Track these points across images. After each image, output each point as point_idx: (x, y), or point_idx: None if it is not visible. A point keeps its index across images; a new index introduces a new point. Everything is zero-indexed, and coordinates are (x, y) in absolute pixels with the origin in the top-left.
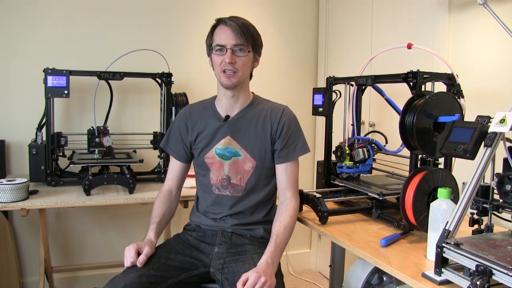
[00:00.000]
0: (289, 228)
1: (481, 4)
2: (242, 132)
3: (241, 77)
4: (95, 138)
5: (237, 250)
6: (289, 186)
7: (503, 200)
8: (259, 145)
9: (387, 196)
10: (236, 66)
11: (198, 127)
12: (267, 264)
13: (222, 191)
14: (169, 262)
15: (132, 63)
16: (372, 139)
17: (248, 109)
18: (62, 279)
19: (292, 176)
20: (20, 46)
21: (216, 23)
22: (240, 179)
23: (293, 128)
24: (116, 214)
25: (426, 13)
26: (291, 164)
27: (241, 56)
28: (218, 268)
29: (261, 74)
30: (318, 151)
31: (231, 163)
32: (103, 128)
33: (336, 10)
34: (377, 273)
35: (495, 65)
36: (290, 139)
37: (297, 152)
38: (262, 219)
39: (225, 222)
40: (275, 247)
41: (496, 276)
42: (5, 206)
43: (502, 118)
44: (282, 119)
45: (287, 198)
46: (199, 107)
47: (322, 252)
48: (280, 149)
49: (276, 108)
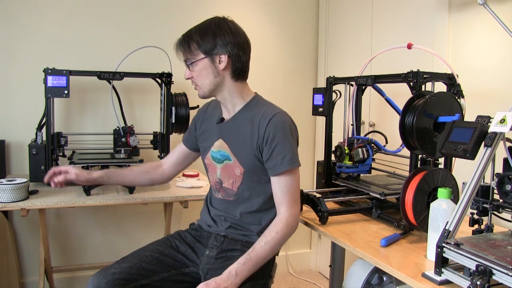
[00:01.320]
0: (272, 243)
1: (481, 4)
2: (232, 136)
3: (202, 86)
4: (121, 138)
5: (226, 255)
6: (283, 200)
7: (503, 200)
8: (246, 152)
9: (388, 196)
10: (194, 80)
11: (206, 125)
12: (228, 275)
13: (216, 194)
14: (162, 257)
15: (132, 63)
16: (372, 139)
17: (241, 113)
18: (62, 279)
19: (287, 190)
20: (20, 46)
21: None
22: (232, 183)
23: (279, 138)
24: (116, 214)
25: (426, 13)
26: (285, 177)
27: (193, 69)
28: (204, 272)
29: (261, 74)
30: (318, 151)
31: (223, 166)
32: (129, 128)
33: (336, 10)
34: (377, 273)
35: (495, 65)
36: (276, 150)
37: (285, 165)
38: (261, 230)
39: (221, 224)
40: (245, 259)
41: (496, 276)
42: (5, 206)
43: (502, 118)
44: (269, 128)
45: (280, 213)
46: (215, 104)
47: (322, 252)
48: (266, 159)
49: (266, 114)
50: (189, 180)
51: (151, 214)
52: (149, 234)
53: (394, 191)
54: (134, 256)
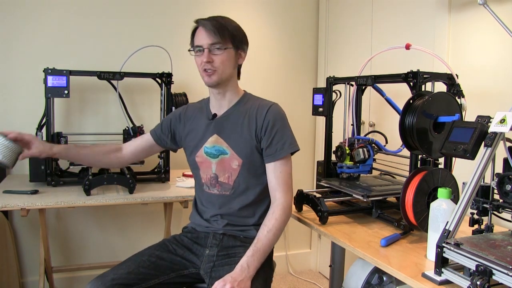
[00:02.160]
0: (274, 230)
1: (481, 4)
2: (228, 130)
3: (222, 74)
4: (131, 138)
5: (227, 252)
6: (278, 186)
7: (503, 200)
8: (245, 143)
9: (371, 198)
10: (214, 64)
11: (190, 125)
12: (241, 269)
13: (211, 190)
14: (160, 261)
15: (132, 63)
16: (372, 139)
17: (236, 107)
18: (62, 279)
19: (282, 176)
20: (20, 46)
21: (195, 25)
22: (228, 177)
23: (279, 125)
24: (116, 214)
25: (426, 13)
26: (281, 163)
27: (219, 54)
28: (207, 271)
29: (261, 74)
30: (318, 151)
31: (218, 161)
32: (139, 128)
33: (336, 10)
34: (377, 273)
35: (495, 65)
36: (276, 137)
37: (285, 150)
38: (257, 221)
39: (217, 223)
40: (253, 251)
41: (496, 276)
42: (5, 206)
43: (502, 118)
44: (268, 117)
45: (276, 200)
46: (196, 106)
47: (322, 252)
48: (266, 147)
49: (263, 105)
50: (189, 180)
51: (151, 214)
52: (149, 234)
53: (378, 193)
54: (132, 262)
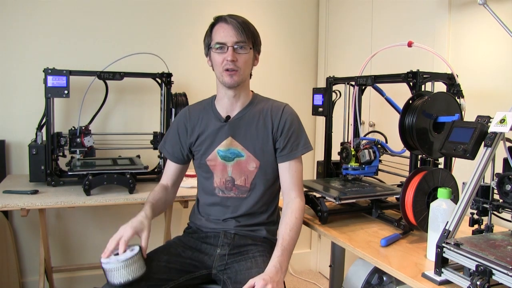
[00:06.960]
0: (296, 229)
1: (481, 4)
2: (243, 132)
3: (243, 75)
4: (76, 139)
5: (239, 250)
6: (293, 185)
7: (503, 200)
8: (261, 145)
9: (344, 201)
10: (237, 64)
11: (198, 129)
12: (275, 269)
13: (226, 193)
14: (170, 265)
15: (132, 63)
16: (378, 140)
17: (248, 108)
18: (62, 279)
19: (296, 175)
20: (20, 46)
21: (215, 21)
22: (244, 180)
23: (295, 126)
24: (116, 214)
25: (426, 13)
26: (295, 163)
27: (243, 54)
28: (220, 270)
29: (261, 74)
30: (318, 151)
31: (234, 164)
32: (84, 128)
33: (336, 10)
34: (377, 273)
35: (495, 65)
36: (292, 137)
37: (300, 150)
38: (266, 220)
39: (228, 224)
40: (282, 250)
41: (496, 276)
42: (5, 206)
43: (502, 118)
44: (283, 117)
45: (292, 199)
46: (198, 107)
47: (322, 252)
48: (282, 147)
49: (277, 106)
50: (189, 180)
51: None
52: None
53: (352, 195)
54: None
